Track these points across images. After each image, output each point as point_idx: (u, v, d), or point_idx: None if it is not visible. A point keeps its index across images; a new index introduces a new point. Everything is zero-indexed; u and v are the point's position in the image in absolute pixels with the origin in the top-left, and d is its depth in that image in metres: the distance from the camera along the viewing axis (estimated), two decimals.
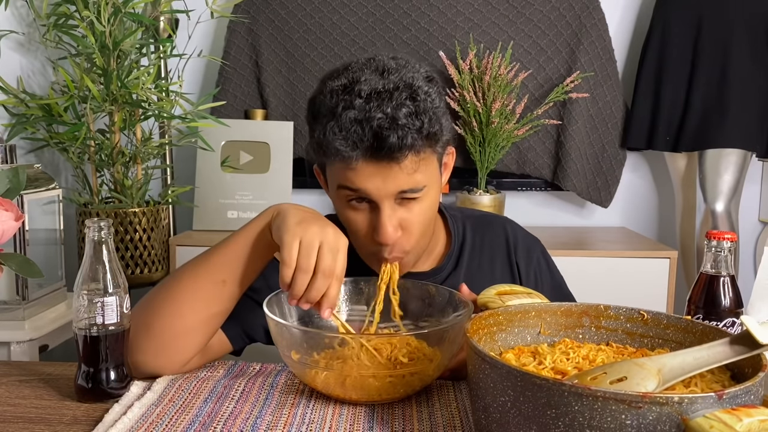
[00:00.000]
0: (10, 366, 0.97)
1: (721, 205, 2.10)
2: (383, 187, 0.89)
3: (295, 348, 0.81)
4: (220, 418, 0.76)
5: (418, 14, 2.26)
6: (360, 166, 0.89)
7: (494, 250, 1.10)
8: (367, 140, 0.86)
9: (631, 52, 2.37)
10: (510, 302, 0.79)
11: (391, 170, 0.89)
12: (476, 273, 1.07)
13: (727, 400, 0.53)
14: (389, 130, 0.86)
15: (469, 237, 1.10)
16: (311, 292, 0.79)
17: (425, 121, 0.89)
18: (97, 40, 1.75)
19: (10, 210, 0.83)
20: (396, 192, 0.90)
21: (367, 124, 0.86)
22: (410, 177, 0.90)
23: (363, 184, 0.90)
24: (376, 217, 0.92)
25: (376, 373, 0.77)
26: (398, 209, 0.93)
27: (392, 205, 0.92)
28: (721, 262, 0.89)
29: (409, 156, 0.88)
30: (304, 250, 0.79)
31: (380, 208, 0.91)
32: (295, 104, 2.32)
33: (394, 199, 0.91)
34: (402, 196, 0.91)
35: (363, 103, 0.87)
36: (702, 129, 2.11)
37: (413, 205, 0.93)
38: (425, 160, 0.92)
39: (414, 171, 0.90)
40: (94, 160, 1.87)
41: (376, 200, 0.91)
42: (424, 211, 0.95)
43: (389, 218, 0.91)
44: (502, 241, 1.11)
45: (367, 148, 0.87)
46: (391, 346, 0.80)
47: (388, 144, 0.86)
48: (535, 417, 0.56)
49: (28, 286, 1.43)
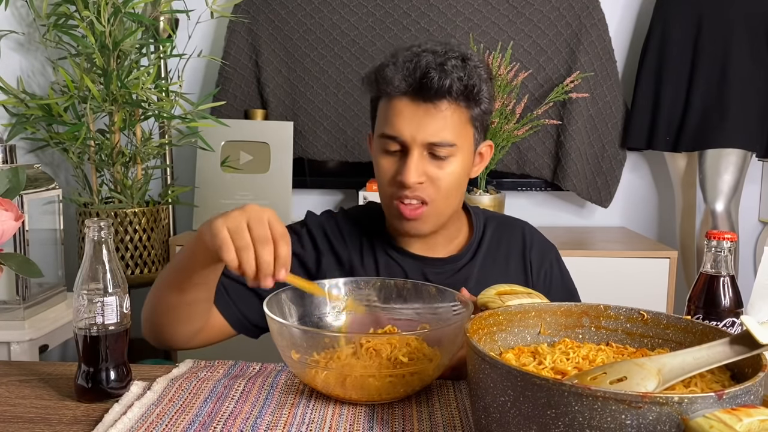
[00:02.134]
0: (10, 366, 0.97)
1: (721, 205, 2.10)
2: (417, 132, 0.97)
3: (295, 348, 0.81)
4: (220, 418, 0.76)
5: (418, 14, 2.26)
6: (402, 105, 0.98)
7: (510, 249, 1.13)
8: (415, 76, 0.96)
9: (631, 52, 2.37)
10: (510, 302, 0.79)
11: (427, 115, 0.97)
12: (491, 267, 1.11)
13: (727, 400, 0.53)
14: (435, 71, 0.95)
15: (488, 234, 1.14)
16: (261, 264, 0.79)
17: (468, 76, 0.97)
18: (97, 40, 1.75)
19: (10, 210, 0.83)
20: (427, 141, 0.98)
21: (418, 63, 0.96)
22: (443, 129, 0.98)
23: (400, 127, 0.98)
24: (403, 163, 0.99)
25: (376, 373, 0.77)
26: (426, 161, 0.99)
27: (422, 153, 0.99)
28: (721, 262, 0.89)
29: (446, 103, 0.97)
30: (233, 233, 0.79)
31: (410, 154, 0.99)
32: (295, 104, 2.32)
33: (424, 148, 0.99)
34: (432, 150, 0.99)
35: (419, 50, 0.99)
36: (702, 129, 2.11)
37: (441, 163, 1.00)
38: (460, 118, 0.99)
39: (447, 124, 0.98)
40: (94, 160, 1.87)
41: (409, 145, 0.98)
42: (451, 174, 1.00)
43: (416, 163, 0.98)
44: (519, 241, 1.14)
45: (412, 84, 0.96)
46: (390, 346, 0.80)
47: (431, 83, 0.95)
48: (535, 417, 0.56)
49: (28, 286, 1.43)
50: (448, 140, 0.98)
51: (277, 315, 0.83)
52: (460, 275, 1.09)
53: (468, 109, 1.00)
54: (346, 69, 2.28)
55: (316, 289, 0.92)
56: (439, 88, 0.96)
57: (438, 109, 0.97)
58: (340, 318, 0.96)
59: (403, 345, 0.81)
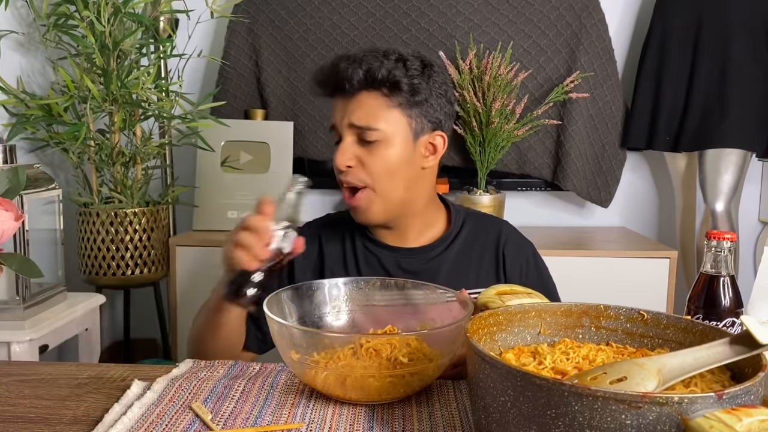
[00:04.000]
0: (10, 366, 0.97)
1: (721, 205, 2.10)
2: (342, 117, 1.09)
3: (295, 348, 0.81)
4: (220, 418, 0.76)
5: (418, 14, 2.26)
6: (336, 103, 1.11)
7: (485, 247, 1.18)
8: (330, 75, 1.09)
9: (631, 52, 2.37)
10: (510, 302, 0.79)
11: (349, 103, 1.08)
12: (465, 260, 1.16)
13: (727, 400, 0.53)
14: (346, 64, 1.07)
15: (465, 229, 1.19)
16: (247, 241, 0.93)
17: (386, 68, 1.06)
18: (97, 40, 1.75)
19: (10, 210, 0.83)
20: (350, 122, 1.07)
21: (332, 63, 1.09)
22: (364, 115, 1.07)
23: (334, 117, 1.11)
24: None
25: (376, 373, 0.77)
26: (357, 147, 1.08)
27: (352, 139, 1.08)
28: (721, 262, 0.89)
29: (363, 92, 1.07)
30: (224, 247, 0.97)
31: (342, 140, 1.09)
32: (295, 104, 2.31)
33: (352, 133, 1.08)
34: (360, 135, 1.07)
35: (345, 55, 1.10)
36: (702, 129, 2.11)
37: (371, 147, 1.08)
38: (383, 104, 1.07)
39: (369, 110, 1.07)
40: (94, 160, 1.87)
41: (339, 131, 1.09)
42: (381, 158, 1.08)
43: (344, 148, 1.08)
44: (494, 237, 1.19)
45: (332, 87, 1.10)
46: (390, 346, 0.80)
47: (341, 76, 1.07)
48: (535, 417, 0.56)
49: (28, 286, 1.43)
50: (371, 124, 1.07)
51: (277, 315, 0.83)
52: (432, 264, 1.15)
53: (390, 97, 1.07)
54: None
55: None
56: (349, 79, 1.06)
57: (356, 97, 1.08)
58: (341, 318, 0.96)
59: (403, 345, 0.81)
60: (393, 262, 1.16)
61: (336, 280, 0.97)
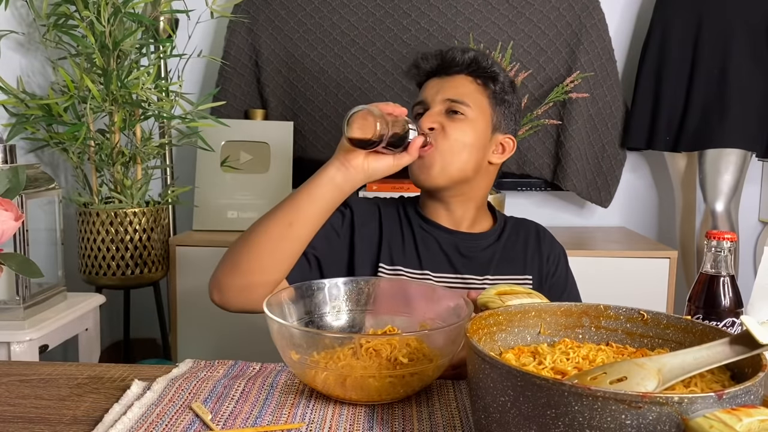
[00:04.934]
0: (10, 366, 0.97)
1: (721, 205, 2.10)
2: (437, 93, 1.17)
3: (295, 348, 0.81)
4: (220, 418, 0.76)
5: (418, 14, 2.26)
6: (429, 83, 1.19)
7: (527, 241, 1.27)
8: (437, 58, 1.19)
9: (631, 52, 2.37)
10: (510, 302, 0.79)
11: (446, 81, 1.17)
12: (511, 251, 1.24)
13: (727, 400, 0.53)
14: (454, 51, 1.17)
15: (509, 227, 1.28)
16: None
17: (484, 58, 1.18)
18: (97, 40, 1.75)
19: (10, 210, 0.83)
20: (443, 97, 1.15)
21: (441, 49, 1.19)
22: (457, 89, 1.16)
23: (425, 94, 1.18)
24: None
25: (376, 374, 0.77)
26: (442, 115, 1.15)
27: (440, 109, 1.15)
28: (721, 262, 0.89)
29: (462, 75, 1.17)
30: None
31: (430, 107, 1.16)
32: (295, 104, 2.32)
33: (442, 105, 1.15)
34: (450, 107, 1.15)
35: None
36: (702, 129, 2.11)
37: (455, 117, 1.15)
38: (476, 90, 1.17)
39: (463, 89, 1.16)
40: (94, 160, 1.87)
41: (429, 103, 1.16)
42: (460, 130, 1.14)
43: (431, 113, 1.15)
44: (533, 234, 1.29)
45: (435, 65, 1.19)
46: (390, 346, 0.80)
47: (449, 58, 1.17)
48: (535, 417, 0.56)
49: (28, 286, 1.43)
50: (462, 98, 1.15)
51: (277, 315, 0.83)
52: (486, 252, 1.21)
53: (483, 86, 1.17)
54: (346, 69, 2.28)
55: None
56: (455, 60, 1.16)
57: (455, 77, 1.17)
58: (341, 318, 0.96)
59: (403, 346, 0.81)
60: (451, 244, 1.20)
61: (336, 280, 0.97)
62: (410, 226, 1.22)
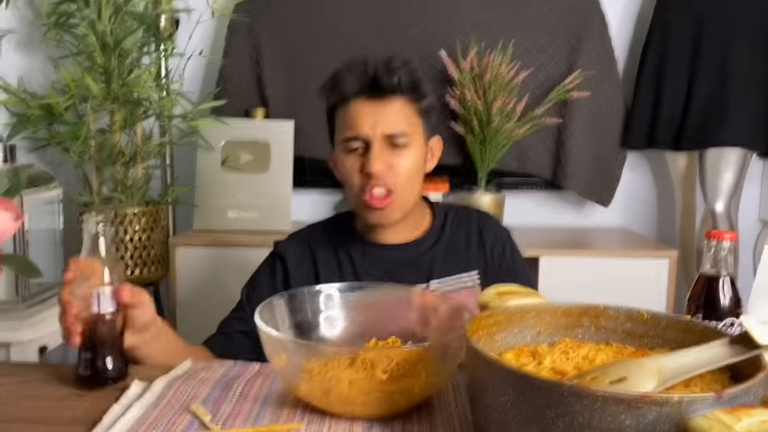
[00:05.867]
0: (10, 366, 0.97)
1: (721, 204, 2.09)
2: (375, 126, 1.10)
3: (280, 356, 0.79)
4: (219, 419, 0.76)
5: (419, 13, 2.25)
6: (359, 106, 1.11)
7: (469, 235, 1.24)
8: (366, 76, 1.10)
9: (631, 51, 2.37)
10: (509, 302, 0.79)
11: (382, 110, 1.11)
12: (453, 250, 1.22)
13: (727, 400, 0.53)
14: (383, 70, 1.10)
15: (449, 221, 1.25)
16: None
17: (413, 73, 1.13)
18: (97, 39, 1.75)
19: (10, 210, 0.84)
20: (385, 133, 1.10)
21: (367, 66, 1.11)
22: (397, 121, 1.11)
23: (360, 125, 1.11)
24: (367, 157, 1.11)
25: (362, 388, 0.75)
26: (387, 151, 1.11)
27: (382, 145, 1.11)
28: (721, 262, 0.89)
29: (396, 98, 1.11)
30: None
31: (371, 147, 1.11)
32: (295, 103, 2.31)
33: (384, 140, 1.11)
34: (391, 141, 1.11)
35: (365, 58, 1.13)
36: (702, 128, 2.11)
37: (400, 151, 1.12)
38: (410, 110, 1.13)
39: (400, 116, 1.11)
40: (94, 160, 1.87)
41: (370, 139, 1.10)
42: (409, 161, 1.13)
43: (378, 153, 1.10)
44: (475, 226, 1.26)
45: (365, 83, 1.11)
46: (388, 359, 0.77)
47: (381, 81, 1.10)
48: (534, 417, 0.56)
49: (28, 286, 1.43)
50: (403, 130, 1.11)
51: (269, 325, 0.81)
52: (426, 257, 1.20)
53: (415, 102, 1.14)
54: None
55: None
56: (389, 84, 1.10)
57: (390, 103, 1.11)
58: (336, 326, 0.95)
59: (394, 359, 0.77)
60: (389, 259, 1.19)
61: (330, 286, 0.97)
62: (346, 250, 1.21)
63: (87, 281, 0.85)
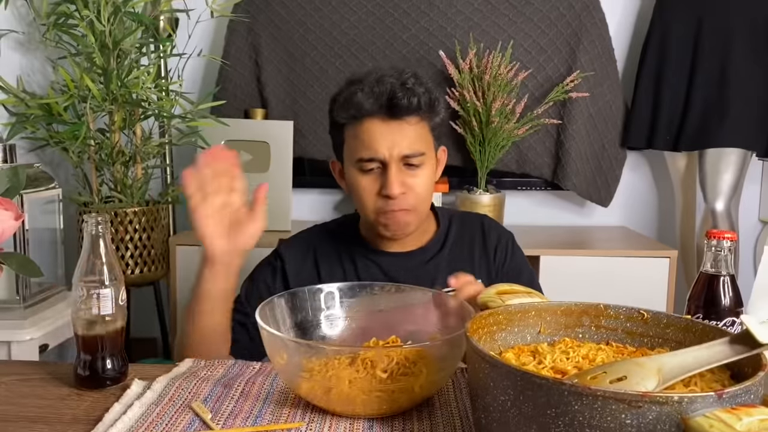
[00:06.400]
0: (10, 366, 0.97)
1: (721, 204, 2.10)
2: (393, 148, 1.08)
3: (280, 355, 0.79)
4: (220, 417, 0.76)
5: (418, 14, 2.25)
6: (375, 126, 1.08)
7: (473, 240, 1.25)
8: (383, 98, 1.06)
9: (631, 52, 2.37)
10: (510, 301, 0.79)
11: (399, 131, 1.08)
12: (458, 257, 1.22)
13: (727, 399, 0.53)
14: (401, 91, 1.06)
15: (453, 229, 1.25)
16: None
17: (427, 90, 1.10)
18: (97, 40, 1.75)
19: (10, 209, 0.84)
20: (402, 154, 1.09)
21: (383, 86, 1.07)
22: (414, 141, 1.09)
23: (377, 147, 1.08)
24: (385, 177, 1.10)
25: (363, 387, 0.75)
26: (404, 172, 1.10)
27: (399, 166, 1.10)
28: (721, 261, 0.89)
29: (413, 118, 1.09)
30: None
31: (389, 169, 1.09)
32: (295, 103, 2.31)
33: (400, 161, 1.09)
34: (406, 161, 1.09)
35: (379, 75, 1.09)
36: (702, 128, 2.11)
37: (416, 171, 1.11)
38: (424, 128, 1.12)
39: (416, 136, 1.09)
40: (94, 160, 1.87)
41: (387, 161, 1.08)
42: (425, 179, 1.12)
43: (396, 176, 1.09)
44: (479, 231, 1.26)
45: (383, 105, 1.07)
46: (388, 358, 0.77)
47: (400, 102, 1.06)
48: (535, 416, 0.56)
49: (28, 285, 1.43)
50: (420, 150, 1.10)
51: (270, 325, 0.81)
52: (431, 265, 1.20)
53: (430, 120, 1.13)
54: (346, 68, 2.27)
55: None
56: (408, 105, 1.07)
57: (408, 124, 1.09)
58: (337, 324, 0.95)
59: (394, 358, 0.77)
60: (394, 267, 1.19)
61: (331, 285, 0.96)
62: (349, 256, 1.21)
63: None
